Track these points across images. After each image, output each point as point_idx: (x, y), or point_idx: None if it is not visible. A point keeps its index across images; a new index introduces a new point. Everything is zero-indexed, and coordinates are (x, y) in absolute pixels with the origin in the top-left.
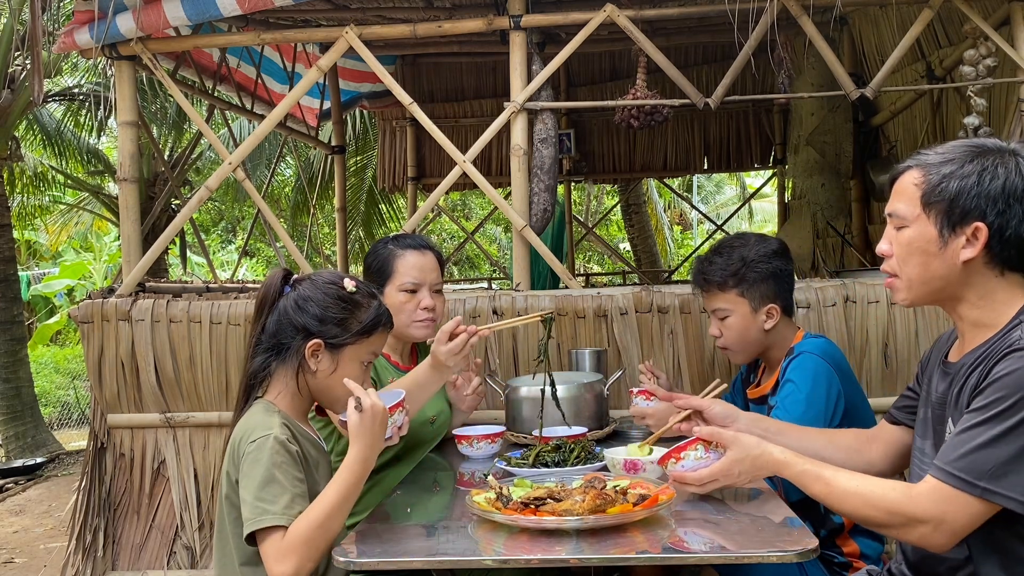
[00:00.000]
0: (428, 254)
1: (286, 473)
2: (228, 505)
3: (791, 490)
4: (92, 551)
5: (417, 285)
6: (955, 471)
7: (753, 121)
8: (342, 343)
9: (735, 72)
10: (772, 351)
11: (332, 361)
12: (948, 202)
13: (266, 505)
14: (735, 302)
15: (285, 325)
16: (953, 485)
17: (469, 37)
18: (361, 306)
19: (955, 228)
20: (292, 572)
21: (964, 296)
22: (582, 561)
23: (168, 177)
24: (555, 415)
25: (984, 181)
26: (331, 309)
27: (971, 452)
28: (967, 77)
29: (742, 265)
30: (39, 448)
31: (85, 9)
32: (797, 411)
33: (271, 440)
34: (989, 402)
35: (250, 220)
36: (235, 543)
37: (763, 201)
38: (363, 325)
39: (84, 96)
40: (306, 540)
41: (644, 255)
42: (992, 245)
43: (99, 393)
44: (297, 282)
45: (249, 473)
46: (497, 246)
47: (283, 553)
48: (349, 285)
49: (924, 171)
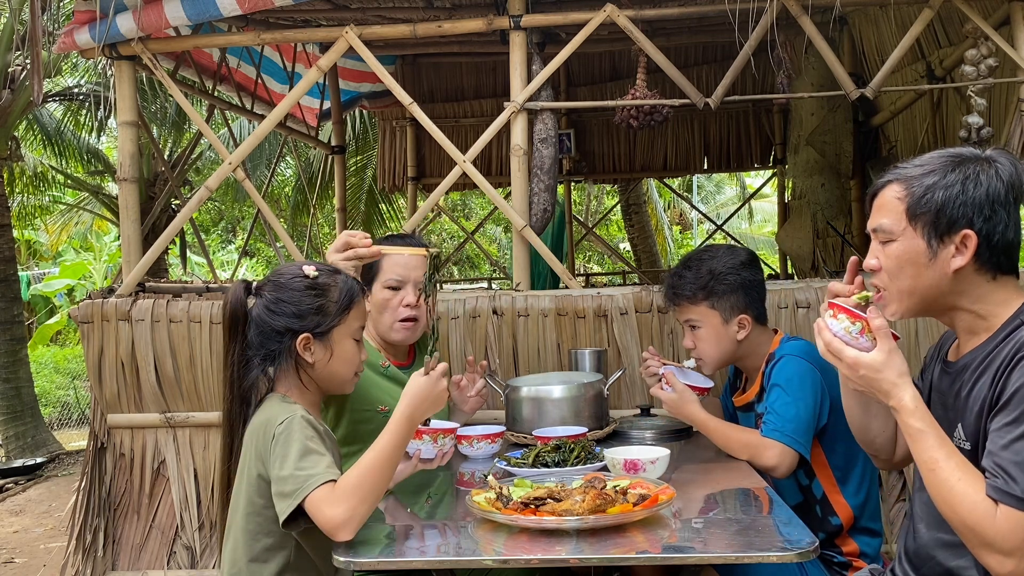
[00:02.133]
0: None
1: (320, 444)
2: (246, 500)
3: (788, 493)
4: (92, 551)
5: (400, 282)
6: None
7: (753, 121)
8: (328, 328)
9: (735, 72)
10: (748, 360)
11: (325, 348)
12: (935, 213)
13: (309, 471)
14: (706, 314)
15: (267, 332)
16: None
17: (469, 37)
18: (330, 287)
19: (943, 238)
20: (346, 515)
21: (958, 304)
22: (582, 561)
23: (168, 177)
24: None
25: (968, 189)
26: (304, 302)
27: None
28: (968, 77)
29: (711, 278)
30: (39, 448)
31: (85, 9)
32: (788, 413)
33: (298, 419)
34: (1020, 414)
35: (250, 220)
36: (245, 540)
37: (763, 201)
38: (339, 304)
39: (84, 96)
40: (356, 487)
41: (644, 255)
42: (981, 252)
43: (99, 393)
44: (260, 289)
45: (284, 452)
46: (497, 246)
47: (336, 499)
48: (311, 271)
49: (905, 184)
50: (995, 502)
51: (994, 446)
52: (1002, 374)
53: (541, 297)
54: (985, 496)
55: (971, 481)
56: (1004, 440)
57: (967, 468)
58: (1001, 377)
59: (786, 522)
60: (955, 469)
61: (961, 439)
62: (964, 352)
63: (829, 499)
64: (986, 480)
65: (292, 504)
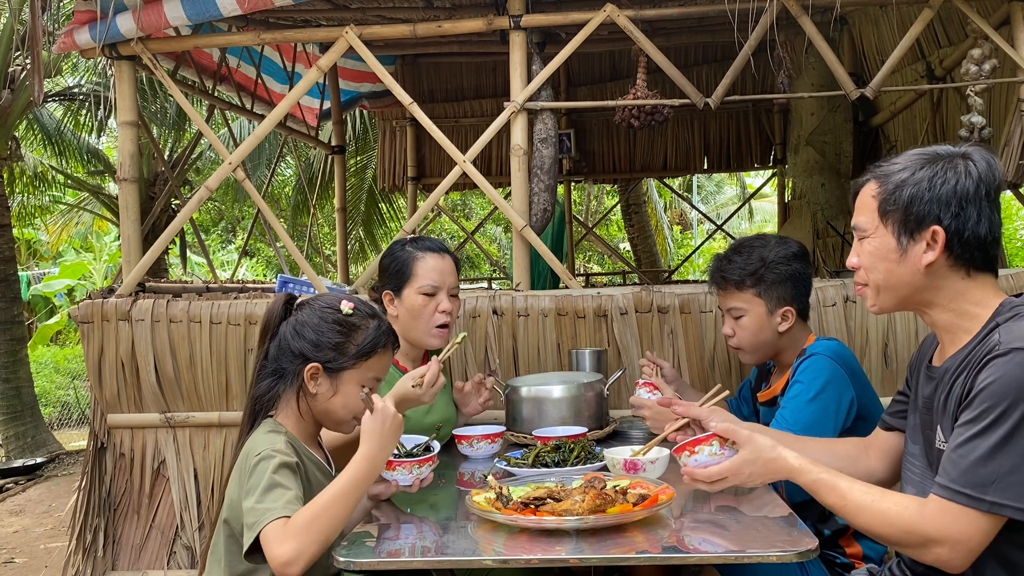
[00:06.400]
0: (447, 258)
1: (288, 479)
2: (225, 527)
3: (794, 490)
4: (92, 551)
5: (436, 288)
6: (960, 488)
7: (753, 121)
8: (340, 367)
9: (735, 72)
10: (784, 354)
11: (331, 385)
12: (903, 210)
13: (268, 505)
14: (751, 302)
15: (285, 350)
16: (960, 503)
17: (469, 37)
18: (359, 329)
19: (912, 234)
20: (292, 554)
21: (934, 300)
22: (582, 561)
23: (168, 177)
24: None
25: (935, 186)
26: (326, 334)
27: (972, 467)
28: (971, 75)
29: (761, 265)
30: (39, 448)
31: (85, 9)
32: (804, 414)
33: (274, 455)
34: (978, 413)
35: (250, 220)
36: (227, 560)
37: (763, 201)
38: (360, 348)
39: (84, 96)
40: (307, 525)
41: (644, 255)
42: (952, 247)
43: (99, 393)
44: (299, 307)
45: (254, 484)
46: (497, 246)
47: (285, 537)
48: (346, 308)
49: (880, 182)
50: (921, 499)
51: (952, 443)
52: (973, 374)
53: (541, 297)
54: (905, 500)
55: (883, 495)
56: (959, 439)
57: (872, 487)
58: (971, 376)
59: (786, 522)
60: (863, 493)
61: (941, 441)
62: (946, 357)
63: None
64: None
65: (250, 537)
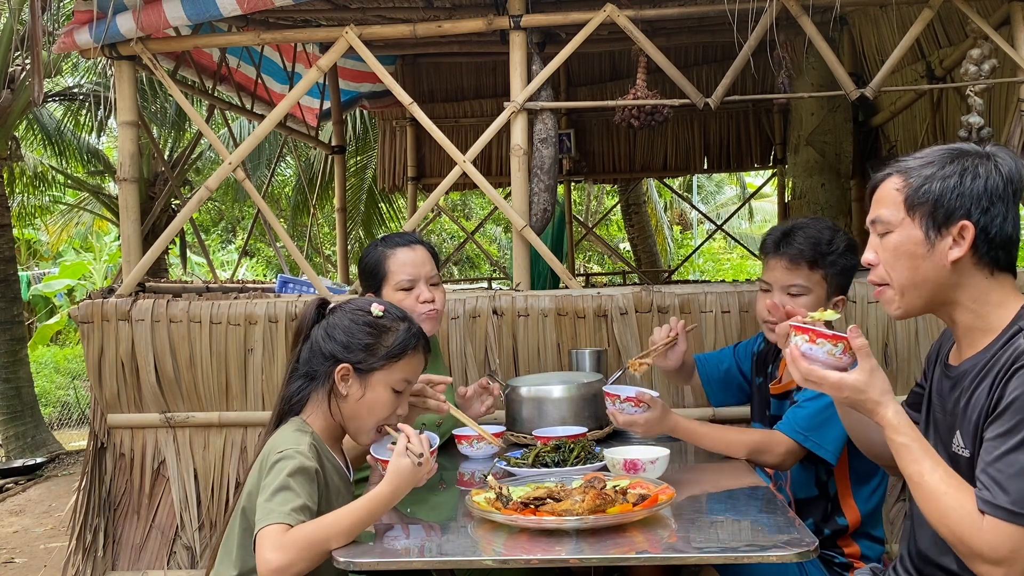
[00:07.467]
0: (418, 248)
1: (301, 485)
2: (243, 519)
3: (799, 486)
4: (92, 551)
5: (412, 281)
6: (1015, 507)
7: (753, 121)
8: (370, 368)
9: (735, 72)
10: None
11: (361, 386)
12: (932, 203)
13: (273, 507)
14: (817, 284)
15: (316, 353)
16: (1016, 523)
17: (469, 37)
18: (389, 330)
19: (940, 229)
20: (281, 564)
21: (957, 299)
22: (582, 561)
23: (168, 177)
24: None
25: (966, 181)
26: (357, 335)
27: (1020, 483)
28: (971, 75)
29: (837, 251)
30: (39, 448)
31: (85, 9)
32: (813, 410)
33: (294, 456)
34: (1014, 424)
35: (250, 220)
36: (240, 552)
37: (763, 201)
38: (390, 350)
39: (84, 96)
40: (306, 541)
41: (644, 255)
42: (979, 244)
43: (99, 393)
44: (331, 311)
45: (270, 482)
46: (497, 246)
47: (280, 546)
48: (376, 310)
49: (904, 176)
50: (982, 513)
51: (987, 456)
52: (999, 382)
53: (541, 297)
54: (972, 507)
55: (957, 492)
56: (996, 452)
57: (953, 479)
58: (998, 385)
59: (786, 522)
60: (940, 481)
61: (960, 446)
62: (965, 357)
63: (840, 499)
64: (976, 491)
65: (257, 529)
